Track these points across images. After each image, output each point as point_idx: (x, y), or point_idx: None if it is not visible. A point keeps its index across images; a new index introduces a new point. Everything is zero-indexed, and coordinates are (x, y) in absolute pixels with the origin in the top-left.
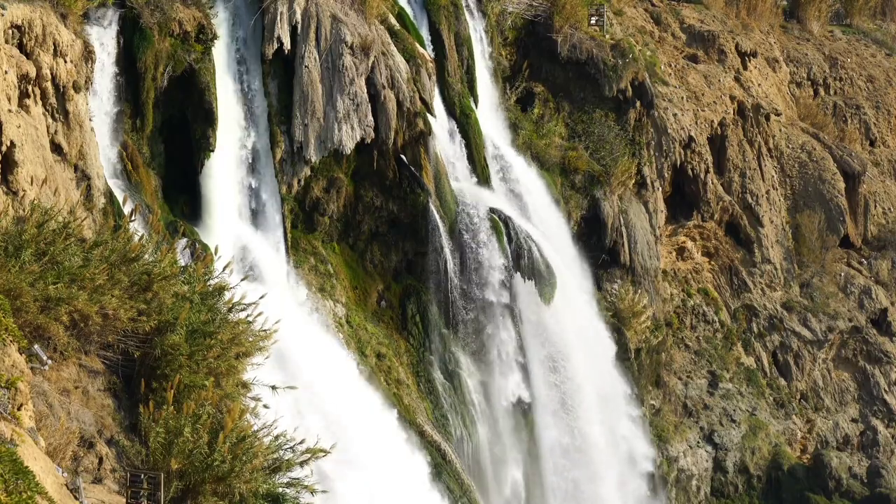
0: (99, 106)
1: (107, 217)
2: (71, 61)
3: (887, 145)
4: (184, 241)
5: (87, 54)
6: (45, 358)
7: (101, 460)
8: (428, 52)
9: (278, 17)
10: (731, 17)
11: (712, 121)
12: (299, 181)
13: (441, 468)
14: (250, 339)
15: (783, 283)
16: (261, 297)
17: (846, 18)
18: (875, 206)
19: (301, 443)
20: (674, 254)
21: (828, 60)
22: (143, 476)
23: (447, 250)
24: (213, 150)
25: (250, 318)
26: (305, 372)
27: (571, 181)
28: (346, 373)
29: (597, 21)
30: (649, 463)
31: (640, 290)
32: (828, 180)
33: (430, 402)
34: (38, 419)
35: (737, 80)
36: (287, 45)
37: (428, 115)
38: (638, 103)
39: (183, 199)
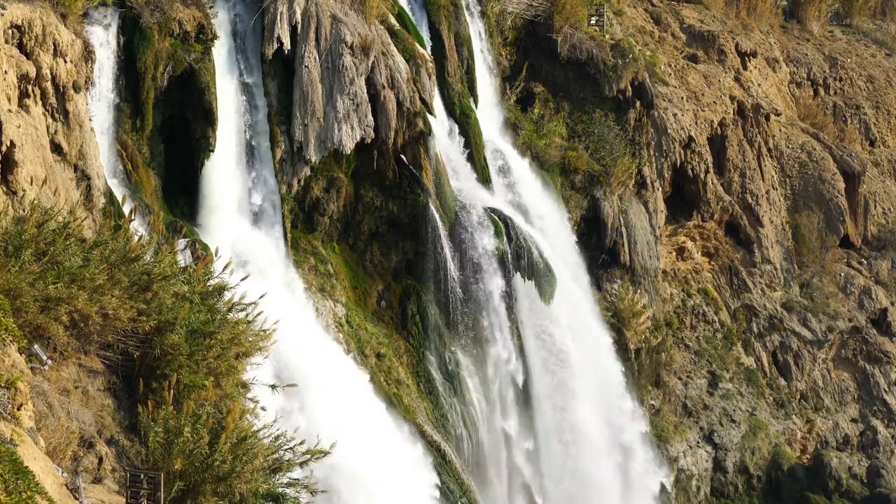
0: (99, 106)
1: (107, 217)
2: (71, 61)
3: (887, 145)
4: (184, 241)
5: (87, 54)
6: (45, 358)
7: (100, 460)
8: (428, 52)
9: (278, 17)
10: (731, 17)
11: (712, 121)
12: (299, 181)
13: (441, 468)
14: (250, 339)
15: (783, 283)
16: (260, 297)
17: (846, 18)
18: (875, 206)
19: (301, 443)
20: (674, 254)
21: (828, 60)
22: (143, 476)
23: (447, 250)
24: (212, 150)
25: (250, 318)
26: (304, 372)
27: (571, 181)
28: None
29: (597, 21)
30: (650, 463)
31: (639, 290)
32: (828, 180)
33: (430, 402)
34: (37, 419)
35: (737, 80)
36: (287, 45)
37: (428, 115)
38: (638, 103)
39: (183, 199)
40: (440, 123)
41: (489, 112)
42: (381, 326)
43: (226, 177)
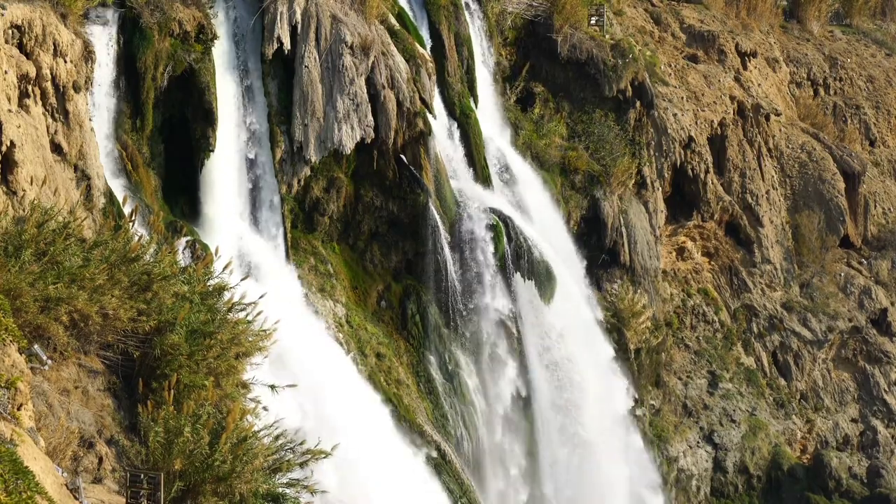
0: (99, 106)
1: (107, 217)
2: (71, 61)
3: (887, 145)
4: (184, 241)
5: (87, 54)
6: (45, 358)
7: (100, 460)
8: (428, 52)
9: (278, 17)
10: (731, 17)
11: (712, 121)
12: (299, 181)
13: (441, 468)
14: (250, 339)
15: (783, 283)
16: (260, 297)
17: (846, 18)
18: (875, 206)
19: (301, 444)
20: (674, 254)
21: (828, 60)
22: (143, 476)
23: (447, 250)
24: (212, 150)
25: (250, 318)
26: (305, 372)
27: (571, 181)
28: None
29: (597, 21)
30: (650, 459)
31: (639, 290)
32: (828, 180)
33: (430, 402)
34: (38, 419)
35: (737, 80)
36: (287, 45)
37: (428, 115)
38: (638, 103)
39: (183, 199)
40: (440, 123)
41: (489, 112)
42: (381, 326)
43: (226, 177)
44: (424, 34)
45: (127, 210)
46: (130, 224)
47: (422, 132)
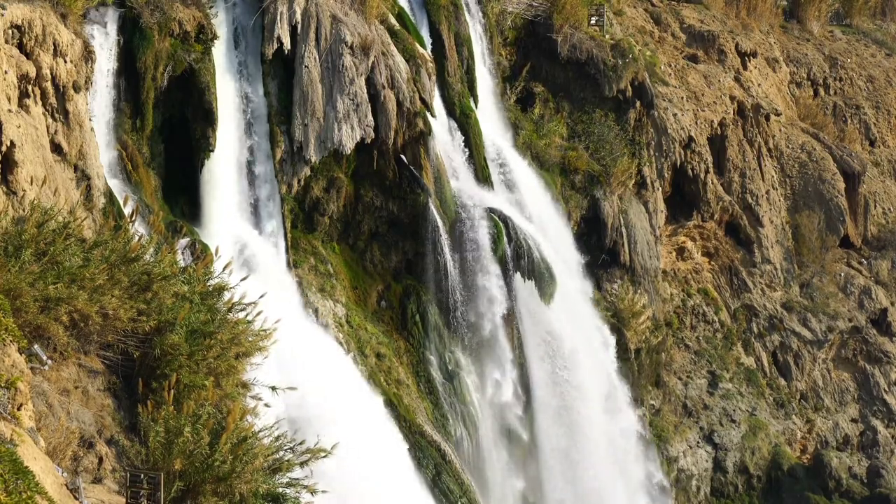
0: (99, 106)
1: (107, 217)
2: (71, 61)
3: (887, 145)
4: (184, 241)
5: (87, 54)
6: (45, 358)
7: (100, 460)
8: (428, 52)
9: (278, 17)
10: (731, 17)
11: (712, 121)
12: (299, 181)
13: (441, 468)
14: (250, 339)
15: (783, 283)
16: (260, 297)
17: (846, 18)
18: (875, 206)
19: (301, 443)
20: (674, 254)
21: (828, 60)
22: (143, 476)
23: (447, 250)
24: (212, 150)
25: (250, 318)
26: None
27: (571, 181)
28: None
29: (597, 21)
30: (652, 461)
31: (639, 290)
32: (828, 180)
33: (430, 402)
34: (38, 419)
35: (737, 80)
36: (287, 45)
37: (428, 114)
38: (638, 103)
39: (183, 199)
40: (440, 123)
41: (489, 112)
42: (381, 326)
43: (226, 176)
44: (424, 34)
45: (127, 210)
46: (130, 224)
47: (422, 132)
